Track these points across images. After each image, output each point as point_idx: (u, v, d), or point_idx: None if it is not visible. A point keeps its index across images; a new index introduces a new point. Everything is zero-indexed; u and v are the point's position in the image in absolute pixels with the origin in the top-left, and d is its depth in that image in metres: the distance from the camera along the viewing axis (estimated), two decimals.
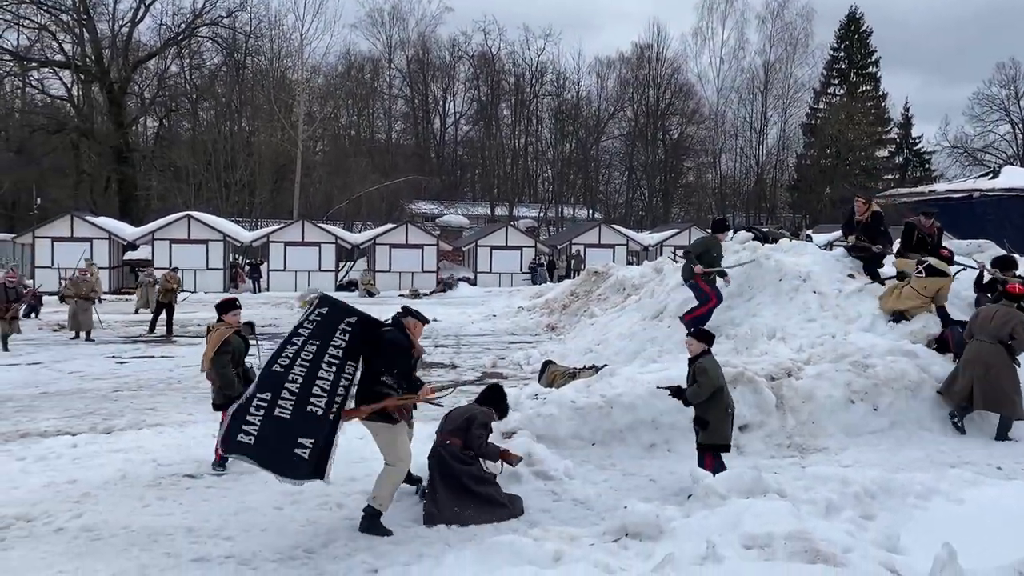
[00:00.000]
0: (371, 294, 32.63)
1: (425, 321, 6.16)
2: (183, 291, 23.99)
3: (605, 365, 10.26)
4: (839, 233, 17.20)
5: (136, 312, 24.27)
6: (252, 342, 7.64)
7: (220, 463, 7.31)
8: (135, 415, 9.86)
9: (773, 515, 4.60)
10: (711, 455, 6.48)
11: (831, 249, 13.88)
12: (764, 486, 5.25)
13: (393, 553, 5.42)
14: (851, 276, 10.86)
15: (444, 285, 35.36)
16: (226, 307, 7.62)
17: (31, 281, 31.89)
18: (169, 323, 19.08)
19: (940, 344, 9.29)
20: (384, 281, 34.84)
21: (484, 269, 38.34)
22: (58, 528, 5.82)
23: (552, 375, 10.77)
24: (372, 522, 5.75)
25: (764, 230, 12.79)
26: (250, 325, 7.77)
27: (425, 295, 33.37)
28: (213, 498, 6.55)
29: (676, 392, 6.66)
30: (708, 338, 6.72)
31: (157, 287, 20.21)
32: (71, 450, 8.01)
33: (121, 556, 5.30)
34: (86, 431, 8.99)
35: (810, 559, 4.20)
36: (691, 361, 6.62)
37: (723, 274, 10.81)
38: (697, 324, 9.65)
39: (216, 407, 7.51)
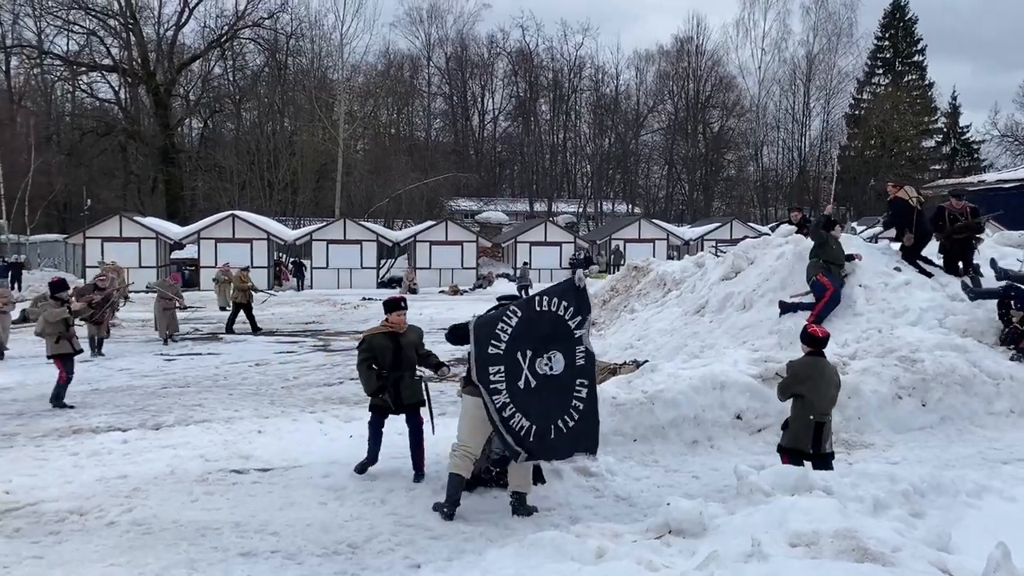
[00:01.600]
0: (413, 291, 32.82)
1: None
2: (263, 291, 24.18)
3: (646, 361, 10.21)
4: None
5: (222, 309, 24.59)
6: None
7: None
8: (183, 411, 10.05)
9: (820, 512, 4.53)
10: (786, 459, 6.15)
11: (876, 241, 13.67)
12: (810, 483, 5.17)
13: (434, 548, 5.46)
14: (897, 269, 10.64)
15: (482, 281, 35.46)
16: (390, 306, 7.25)
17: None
18: (251, 320, 19.23)
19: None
20: (424, 278, 35.04)
21: (531, 266, 38.29)
22: (110, 522, 5.96)
23: None
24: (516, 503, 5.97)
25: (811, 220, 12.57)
26: (415, 330, 7.30)
27: (465, 291, 33.51)
28: (259, 493, 6.65)
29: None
30: (810, 340, 6.31)
31: (232, 287, 20.34)
32: (121, 446, 8.19)
33: (171, 550, 5.40)
34: (136, 427, 9.19)
35: (858, 558, 4.13)
36: None
37: (851, 257, 10.55)
38: (819, 319, 9.52)
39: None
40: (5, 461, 7.71)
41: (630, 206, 60.42)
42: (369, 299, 29.46)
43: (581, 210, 60.88)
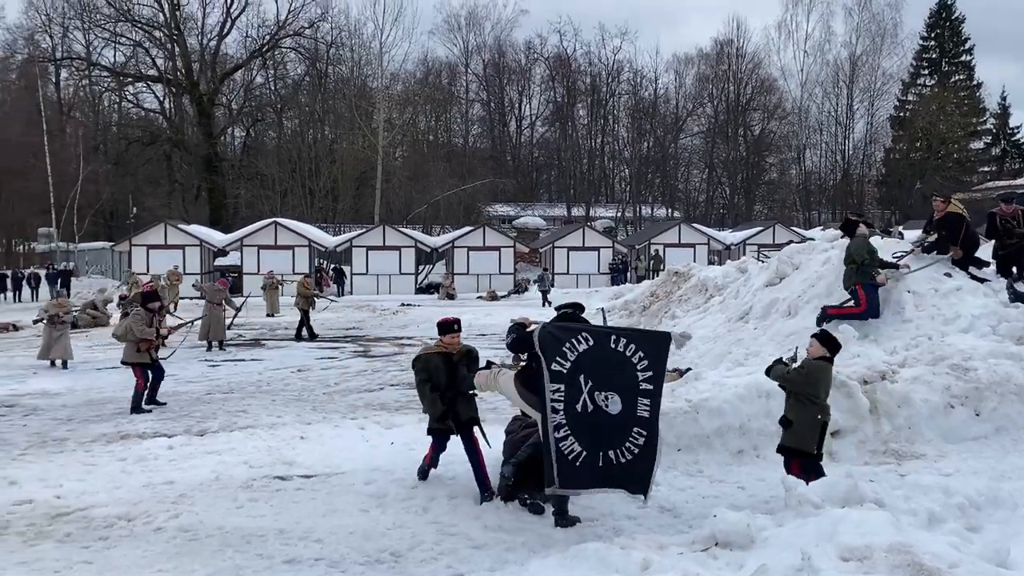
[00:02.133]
0: (451, 296, 32.93)
1: None
2: (325, 297, 24.19)
3: (689, 369, 10.08)
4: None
5: (270, 316, 24.89)
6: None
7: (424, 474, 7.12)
8: (227, 417, 10.16)
9: (872, 526, 4.41)
10: (796, 462, 6.13)
11: (924, 246, 13.35)
12: (860, 495, 5.04)
13: (476, 558, 5.43)
14: (948, 275, 10.38)
15: (518, 287, 35.43)
16: (444, 328, 7.07)
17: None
18: (308, 327, 19.07)
19: None
20: (462, 283, 35.13)
21: (561, 270, 38.23)
22: (157, 528, 6.03)
23: None
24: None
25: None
26: (469, 353, 7.11)
27: (503, 296, 33.52)
28: (303, 500, 6.69)
29: (777, 362, 6.43)
30: (832, 344, 6.29)
31: (296, 294, 19.72)
32: (167, 451, 8.30)
33: (216, 557, 5.45)
34: (181, 433, 9.31)
35: (913, 573, 4.02)
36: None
37: (894, 266, 10.27)
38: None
39: (428, 431, 7.08)
40: (55, 466, 7.87)
41: (669, 210, 59.96)
42: (407, 305, 29.62)
43: (619, 214, 60.57)
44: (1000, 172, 62.15)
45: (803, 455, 6.10)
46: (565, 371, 5.56)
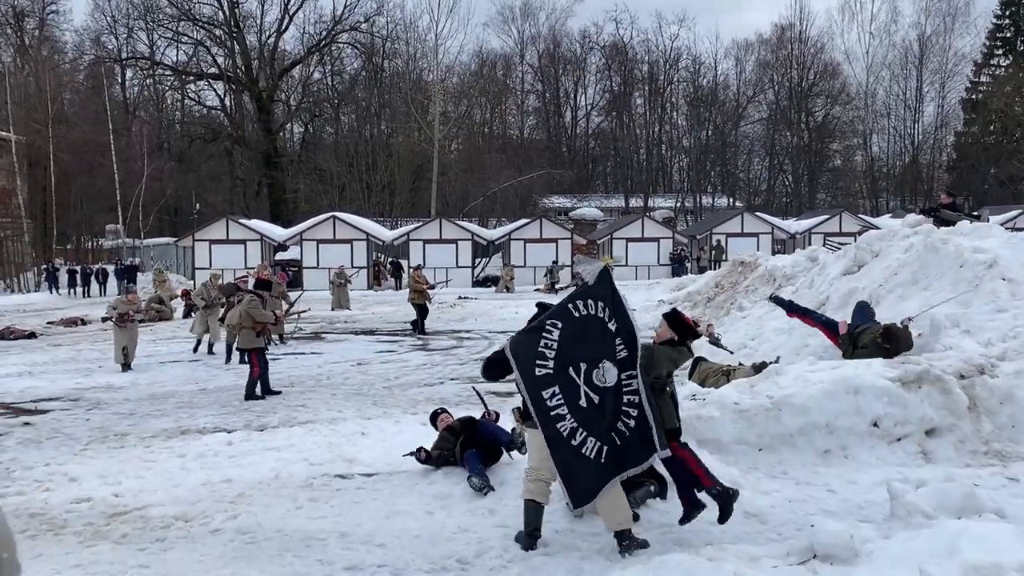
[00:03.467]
0: (508, 289, 32.61)
1: None
2: (437, 284, 24.01)
3: (773, 361, 9.56)
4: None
5: (333, 309, 24.91)
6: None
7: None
8: (287, 412, 9.99)
9: (998, 541, 3.92)
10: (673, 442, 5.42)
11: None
12: (978, 504, 4.54)
13: (549, 567, 5.06)
14: None
15: (577, 280, 34.91)
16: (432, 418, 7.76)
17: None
18: (421, 322, 18.74)
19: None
20: (520, 276, 34.78)
21: (620, 262, 37.59)
22: (215, 529, 5.81)
23: (704, 373, 10.13)
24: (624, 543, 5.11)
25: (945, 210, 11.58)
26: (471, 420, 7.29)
27: (561, 289, 33.07)
28: (364, 500, 6.41)
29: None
30: (680, 327, 5.68)
31: (408, 289, 19.32)
32: (227, 447, 8.13)
33: (275, 562, 5.19)
34: (241, 428, 9.16)
35: None
36: None
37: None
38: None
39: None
40: (116, 462, 7.75)
41: (731, 200, 58.67)
42: (465, 298, 29.39)
43: (679, 204, 59.49)
44: None
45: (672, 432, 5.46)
46: (552, 371, 5.07)
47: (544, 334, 5.15)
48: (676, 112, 64.22)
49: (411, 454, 7.06)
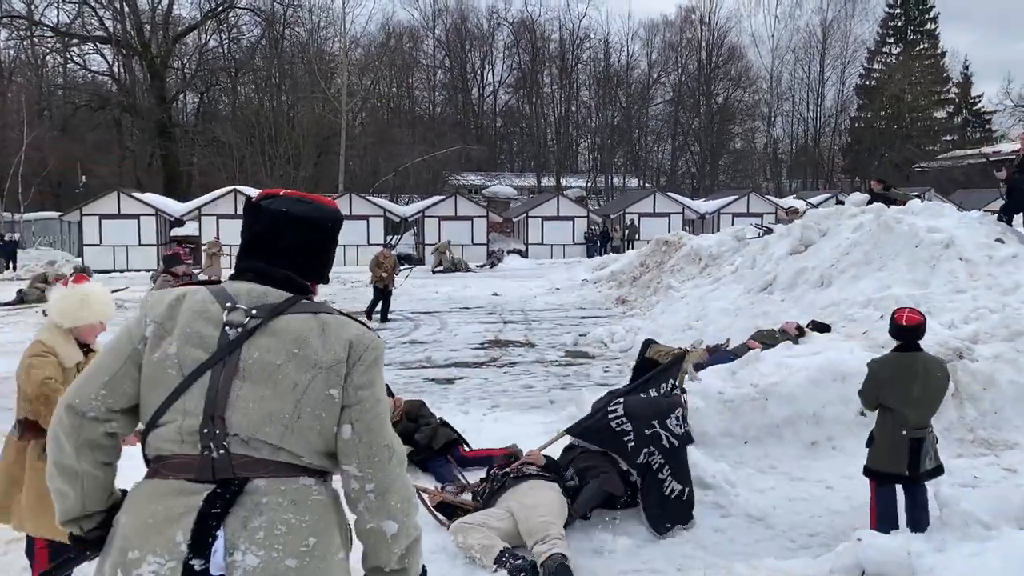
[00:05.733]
0: (456, 267, 31.10)
1: None
2: (403, 268, 21.93)
3: (727, 343, 9.16)
4: None
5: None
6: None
7: None
8: None
9: None
10: (876, 483, 4.87)
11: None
12: None
13: None
14: (999, 241, 9.57)
15: (492, 259, 34.26)
16: None
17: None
18: (384, 309, 16.66)
19: None
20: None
21: (535, 241, 37.21)
22: None
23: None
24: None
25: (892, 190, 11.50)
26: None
27: (478, 268, 32.33)
28: None
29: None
30: (898, 332, 4.90)
31: (374, 271, 16.86)
32: (135, 449, 7.10)
33: None
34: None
35: None
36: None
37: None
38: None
39: None
40: None
41: (641, 181, 59.09)
42: None
43: (591, 184, 59.55)
44: (963, 141, 62.46)
45: (891, 478, 4.96)
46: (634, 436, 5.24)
47: (611, 415, 5.34)
48: (587, 91, 64.16)
49: None
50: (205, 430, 1.85)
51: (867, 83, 61.76)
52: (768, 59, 59.96)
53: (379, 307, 16.82)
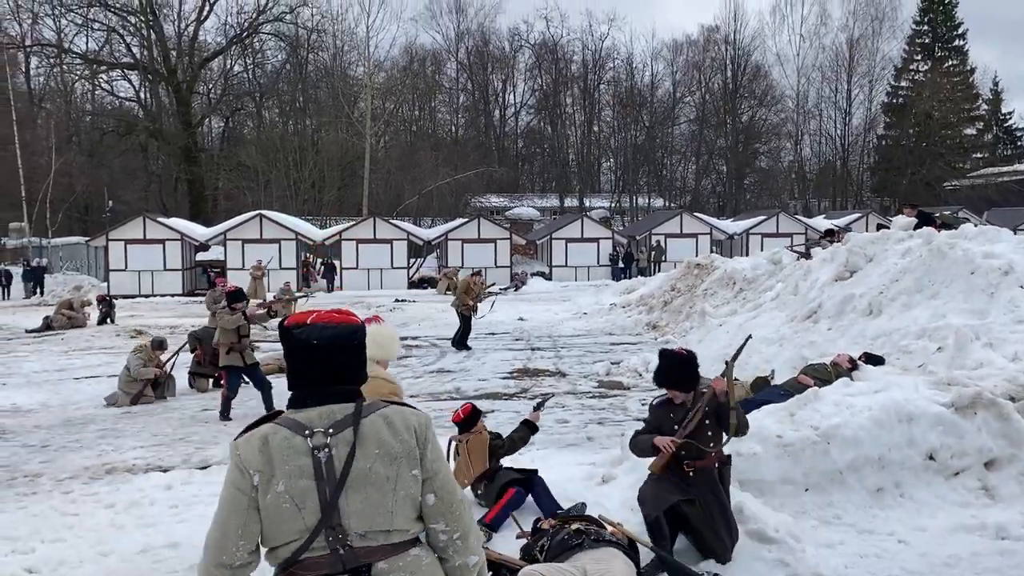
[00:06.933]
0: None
1: None
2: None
3: (772, 374, 8.73)
4: None
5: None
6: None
7: None
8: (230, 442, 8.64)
9: None
10: None
11: None
12: None
13: None
14: None
15: (516, 281, 33.91)
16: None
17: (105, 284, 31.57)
18: (465, 337, 16.19)
19: None
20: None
21: (559, 263, 36.88)
22: None
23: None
24: None
25: (935, 214, 11.04)
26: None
27: (502, 291, 31.97)
28: None
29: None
30: None
31: (459, 296, 16.38)
32: (165, 493, 6.80)
33: None
34: (179, 464, 7.83)
35: None
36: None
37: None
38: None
39: None
40: (27, 516, 6.35)
41: (667, 202, 58.62)
42: (402, 301, 28.11)
43: (614, 204, 59.17)
44: (993, 159, 61.48)
45: None
46: None
47: None
48: (610, 110, 63.90)
49: None
50: (329, 538, 2.24)
51: (895, 101, 61.02)
52: (794, 78, 59.48)
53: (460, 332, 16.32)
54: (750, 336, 5.85)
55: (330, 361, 2.34)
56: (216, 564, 2.26)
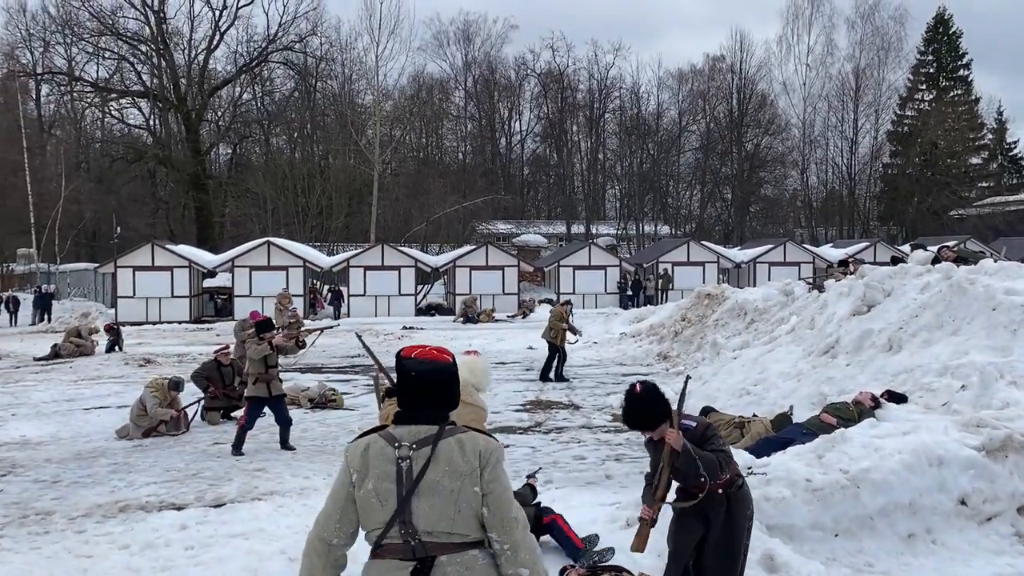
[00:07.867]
0: (472, 319, 31.02)
1: None
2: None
3: (791, 410, 8.62)
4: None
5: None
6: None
7: None
8: (244, 479, 8.54)
9: None
10: None
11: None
12: None
13: None
14: None
15: (524, 308, 33.82)
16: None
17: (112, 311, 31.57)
18: (560, 366, 15.99)
19: None
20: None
21: (567, 290, 36.74)
22: None
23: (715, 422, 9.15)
24: None
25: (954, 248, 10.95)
26: None
27: (509, 318, 31.91)
28: None
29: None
30: None
31: (550, 325, 16.23)
32: (180, 534, 6.69)
33: None
34: (193, 501, 7.72)
35: None
36: None
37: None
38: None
39: None
40: (41, 557, 6.24)
41: (673, 230, 58.65)
42: (410, 328, 28.02)
43: (621, 232, 59.21)
44: (999, 187, 61.51)
45: None
46: None
47: None
48: (614, 139, 64.20)
49: None
50: (402, 531, 2.76)
51: (900, 130, 61.23)
52: (800, 107, 59.70)
53: (553, 363, 16.02)
54: (689, 377, 5.60)
55: (424, 389, 2.84)
56: (319, 538, 2.88)
